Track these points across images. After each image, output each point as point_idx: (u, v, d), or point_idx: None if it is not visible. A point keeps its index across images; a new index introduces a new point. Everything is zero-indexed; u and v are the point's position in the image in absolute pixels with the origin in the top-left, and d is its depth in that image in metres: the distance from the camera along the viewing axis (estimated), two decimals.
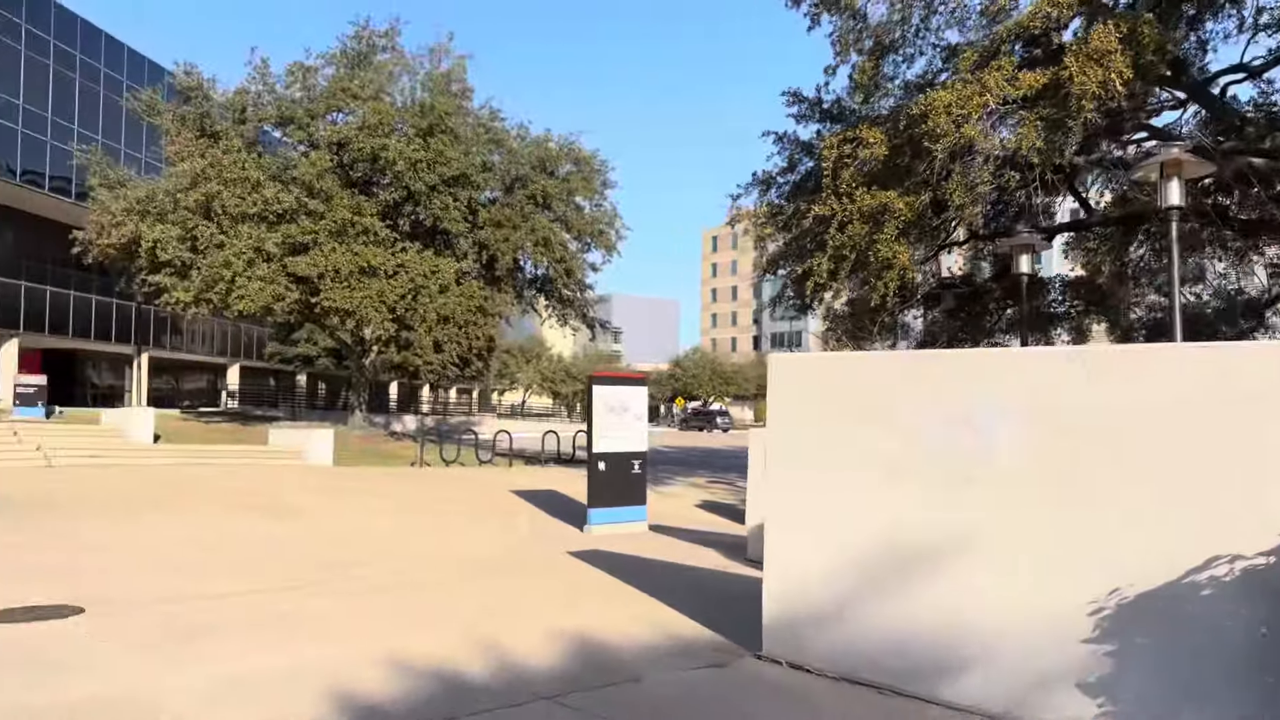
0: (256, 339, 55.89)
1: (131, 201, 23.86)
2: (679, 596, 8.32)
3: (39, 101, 34.10)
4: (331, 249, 24.18)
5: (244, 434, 27.27)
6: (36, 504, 13.79)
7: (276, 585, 8.63)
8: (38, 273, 37.40)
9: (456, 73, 27.14)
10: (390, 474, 21.87)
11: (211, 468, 21.22)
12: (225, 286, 23.02)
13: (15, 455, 20.39)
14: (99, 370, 47.73)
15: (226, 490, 16.62)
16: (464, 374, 59.08)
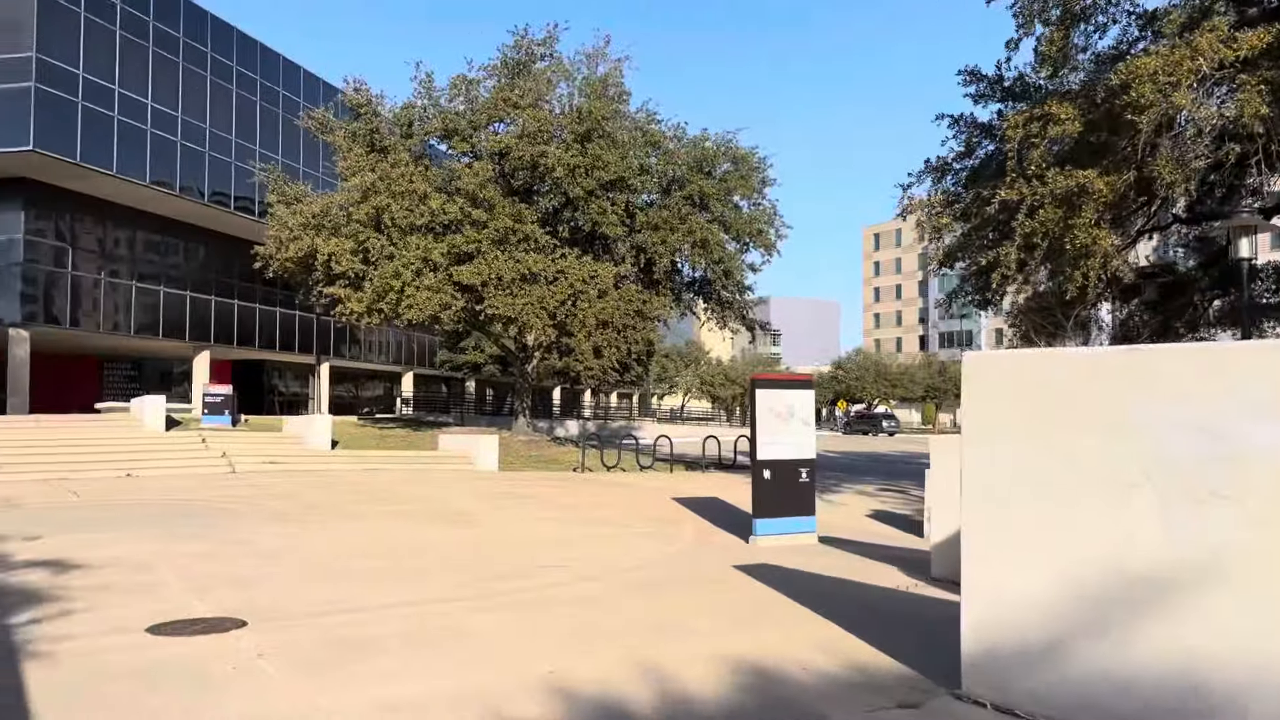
0: (428, 347, 58.03)
1: (307, 216, 24.95)
2: (858, 619, 7.57)
3: (223, 125, 36.40)
4: (494, 257, 24.48)
5: (415, 440, 28.08)
6: (217, 510, 14.34)
7: (437, 596, 8.42)
8: (226, 288, 39.99)
9: (613, 76, 27.05)
10: (552, 480, 21.87)
11: (383, 474, 21.80)
12: (395, 296, 23.71)
13: (202, 461, 21.62)
14: (285, 379, 50.72)
15: (395, 496, 16.94)
16: (624, 379, 59.42)
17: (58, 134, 28.80)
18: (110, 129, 31.08)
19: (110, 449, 21.81)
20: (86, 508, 14.61)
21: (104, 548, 10.49)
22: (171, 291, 37.00)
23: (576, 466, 25.25)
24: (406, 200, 24.32)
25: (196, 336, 38.41)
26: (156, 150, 33.09)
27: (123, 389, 40.80)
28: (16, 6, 28.17)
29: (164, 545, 10.79)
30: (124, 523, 12.69)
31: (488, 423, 45.45)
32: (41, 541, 10.75)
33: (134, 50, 32.08)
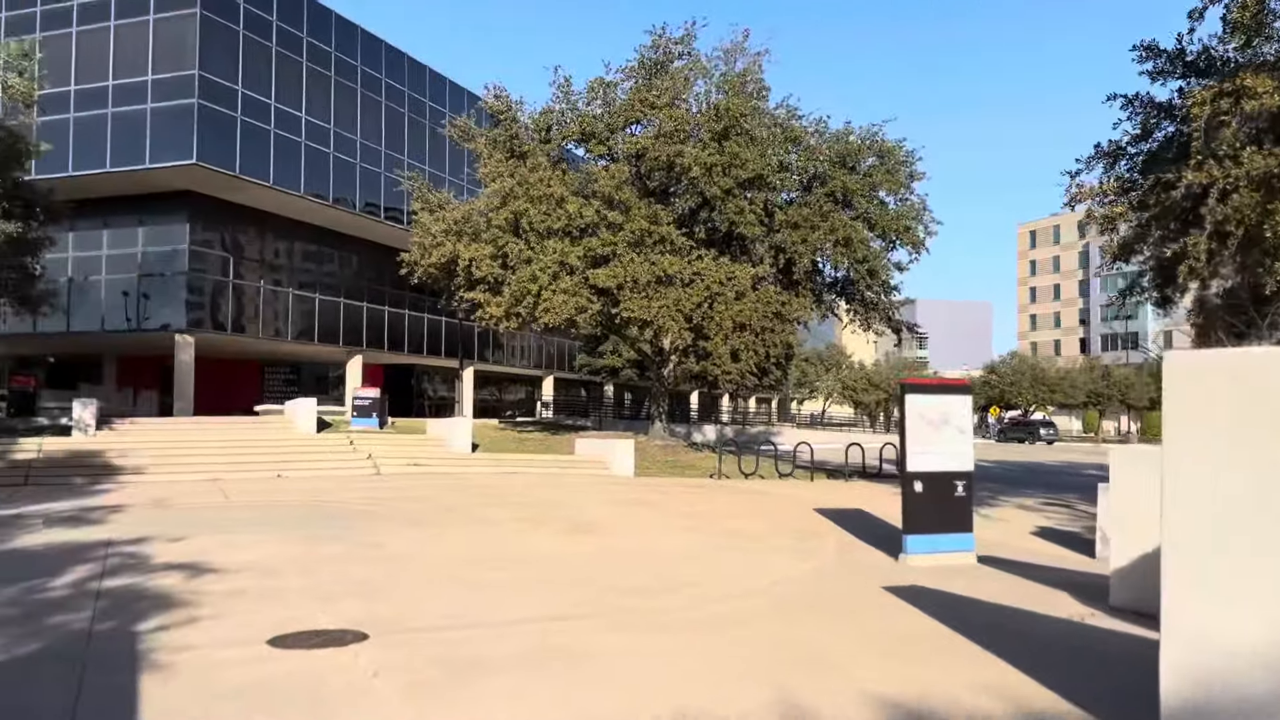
0: (568, 352, 58.58)
1: (449, 223, 25.29)
2: (1029, 655, 6.67)
3: (373, 136, 37.58)
4: (630, 259, 24.16)
5: (553, 443, 28.09)
6: (357, 513, 14.43)
7: (561, 613, 7.97)
8: (377, 295, 41.30)
9: (751, 71, 26.31)
10: (689, 487, 21.31)
11: (519, 478, 21.75)
12: (532, 300, 23.70)
13: (350, 463, 22.11)
14: (433, 383, 52.11)
15: (528, 501, 16.73)
16: (762, 383, 58.38)
17: (218, 148, 30.28)
18: (267, 142, 32.50)
19: (263, 450, 22.61)
20: (233, 509, 14.99)
21: (242, 551, 10.56)
22: (326, 299, 38.48)
23: (713, 473, 24.61)
24: (544, 204, 24.30)
25: (350, 341, 39.83)
26: (311, 162, 34.43)
27: (282, 392, 42.72)
28: (181, 28, 29.80)
29: (300, 549, 10.80)
30: (266, 525, 12.87)
31: (625, 427, 45.35)
32: (184, 543, 10.93)
33: (289, 66, 33.48)
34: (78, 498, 15.78)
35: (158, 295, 32.59)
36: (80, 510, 13.96)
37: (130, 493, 16.69)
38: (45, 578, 8.72)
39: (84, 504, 14.77)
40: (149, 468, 19.85)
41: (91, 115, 30.86)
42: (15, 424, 23.93)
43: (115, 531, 11.72)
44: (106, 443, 21.86)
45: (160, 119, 30.08)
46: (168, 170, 30.12)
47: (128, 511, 13.95)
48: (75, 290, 33.77)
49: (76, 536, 11.30)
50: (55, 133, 30.92)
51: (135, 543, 10.81)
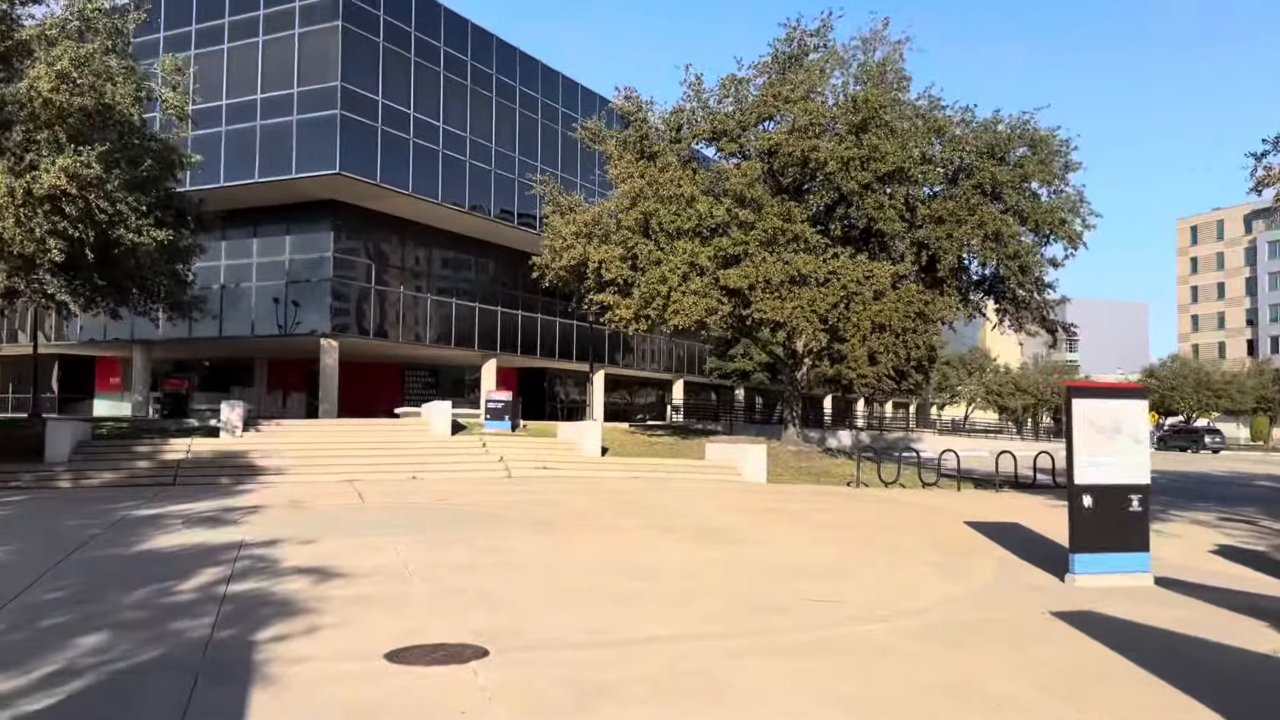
0: (698, 355, 58.10)
1: (579, 225, 25.13)
2: (1226, 697, 5.71)
3: (507, 142, 38.02)
4: (762, 259, 23.41)
5: (682, 448, 27.57)
6: (486, 516, 14.24)
7: (691, 631, 7.40)
8: (511, 299, 41.81)
9: (891, 60, 25.16)
10: (824, 494, 20.40)
11: (649, 482, 21.32)
12: (661, 301, 23.24)
13: (482, 465, 22.15)
14: (564, 386, 52.56)
15: (657, 507, 16.24)
16: (900, 387, 56.31)
17: (360, 157, 31.14)
18: (406, 151, 33.26)
19: (399, 452, 22.94)
20: (366, 511, 15.06)
21: (370, 554, 10.43)
22: (462, 303, 39.17)
23: (850, 481, 23.57)
24: (673, 205, 23.82)
25: (484, 345, 40.44)
26: (448, 170, 35.08)
27: (421, 395, 43.72)
28: (324, 41, 30.80)
29: (428, 554, 10.60)
30: (396, 528, 12.80)
31: (756, 431, 44.53)
32: (314, 546, 10.90)
33: (427, 75, 34.20)
34: (220, 498, 16.21)
35: (304, 301, 33.79)
36: (220, 510, 14.27)
37: (270, 493, 17.07)
38: (175, 580, 8.73)
39: (224, 504, 15.12)
40: (290, 468, 20.38)
41: (241, 128, 32.25)
42: (168, 425, 25.10)
43: (249, 533, 11.83)
44: (251, 444, 22.60)
45: (305, 130, 31.15)
46: (312, 180, 31.17)
47: (264, 512, 14.18)
48: (227, 297, 35.38)
49: (212, 538, 11.45)
50: (208, 145, 32.42)
51: (267, 545, 10.84)
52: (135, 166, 21.32)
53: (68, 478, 18.77)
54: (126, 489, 18.04)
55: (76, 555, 10.04)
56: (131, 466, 19.72)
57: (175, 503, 15.33)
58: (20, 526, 12.69)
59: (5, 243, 16.48)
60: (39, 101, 16.44)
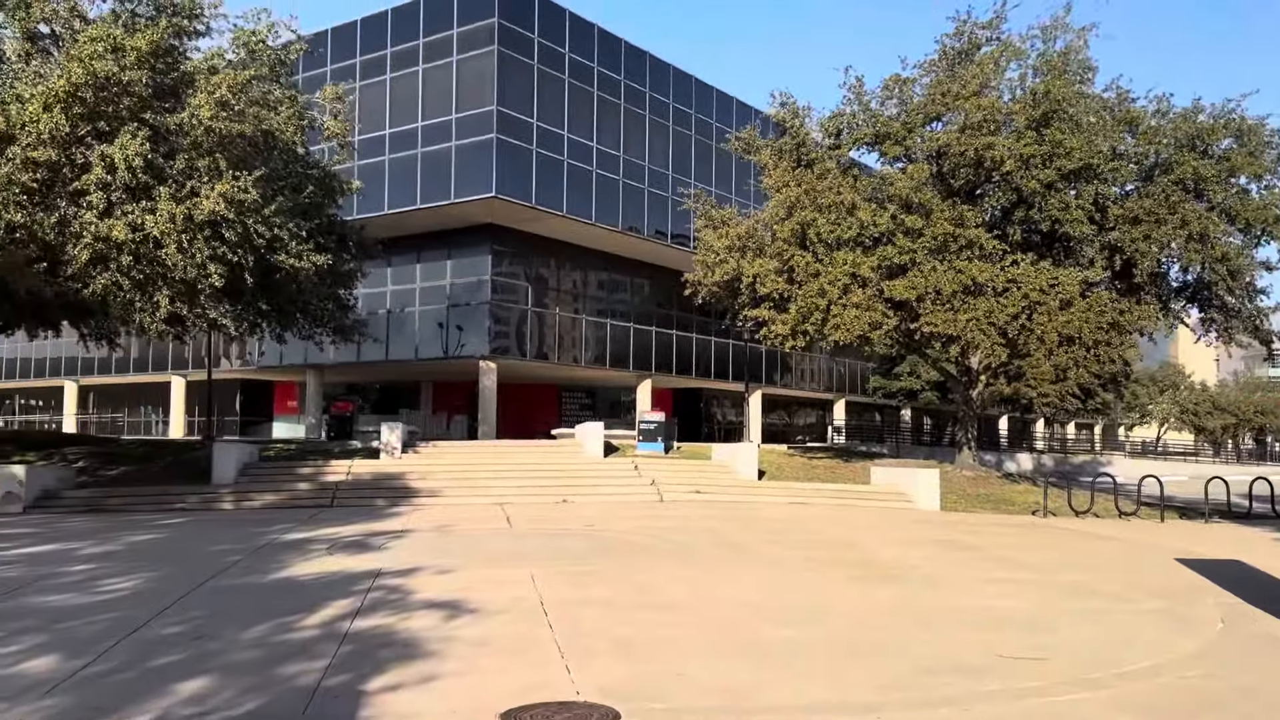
0: (860, 374, 55.88)
1: (732, 239, 24.08)
2: None
3: (660, 160, 37.49)
4: (931, 268, 21.71)
5: (845, 471, 25.96)
6: (632, 546, 13.35)
7: (867, 699, 6.19)
8: (665, 319, 41.17)
9: (1075, 49, 22.98)
10: (1007, 526, 18.47)
11: (808, 509, 19.96)
12: (820, 316, 21.82)
13: (633, 489, 21.35)
14: (721, 407, 51.46)
15: (818, 537, 14.93)
16: (1085, 407, 52.18)
17: (515, 180, 31.25)
18: (560, 172, 33.21)
19: (551, 475, 22.47)
20: (512, 536, 14.46)
21: (506, 588, 9.70)
22: (617, 324, 38.83)
23: (1035, 509, 21.45)
24: (833, 213, 22.45)
25: (639, 366, 39.93)
26: (601, 190, 34.86)
27: (578, 416, 43.65)
28: (480, 66, 31.12)
29: (566, 588, 9.78)
30: (538, 557, 12.08)
31: (925, 454, 42.06)
32: (450, 576, 10.27)
33: (580, 96, 34.11)
34: (371, 521, 16.03)
35: (463, 324, 34.19)
36: (367, 535, 13.99)
37: (419, 516, 16.80)
38: (301, 614, 8.20)
39: (373, 528, 14.87)
40: (443, 491, 20.19)
41: (403, 156, 33.01)
42: (332, 447, 25.60)
43: (390, 560, 11.36)
44: (408, 465, 22.66)
45: (462, 155, 31.55)
46: (470, 204, 31.47)
47: (410, 537, 13.79)
48: (393, 321, 36.27)
49: (351, 565, 11.02)
50: (372, 174, 33.45)
51: (403, 574, 10.29)
52: (297, 193, 21.83)
53: (230, 499, 19.19)
54: (285, 511, 18.23)
55: (212, 583, 9.75)
56: (292, 489, 20.02)
57: (327, 526, 15.21)
58: (168, 551, 12.70)
59: (168, 269, 16.96)
60: (200, 130, 16.88)
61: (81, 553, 12.18)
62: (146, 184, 16.75)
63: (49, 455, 23.54)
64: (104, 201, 16.36)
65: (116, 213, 16.49)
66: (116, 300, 17.25)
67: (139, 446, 25.84)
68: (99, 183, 16.13)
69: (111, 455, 24.14)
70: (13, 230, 15.94)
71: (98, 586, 9.52)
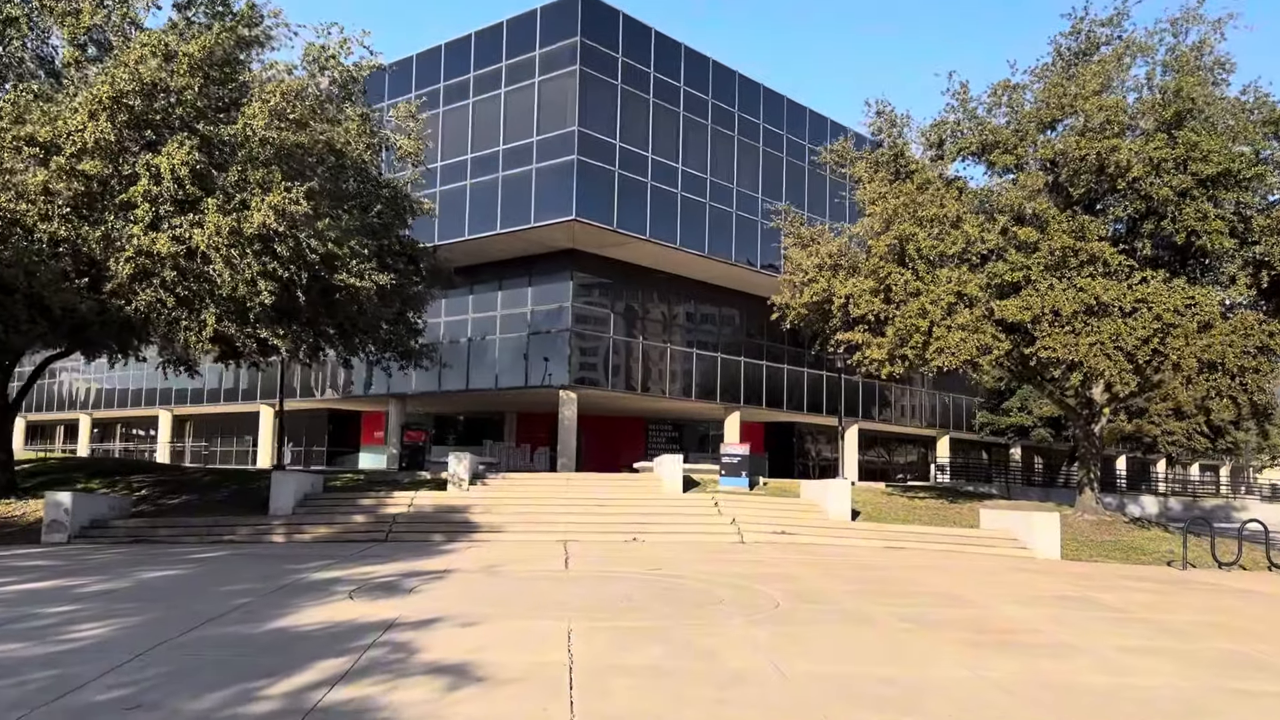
0: (966, 409, 52.77)
1: (823, 257, 22.14)
2: None
3: (749, 183, 35.87)
4: (1048, 286, 19.40)
5: (950, 513, 23.55)
6: (700, 595, 11.54)
7: None
8: (754, 349, 39.28)
9: (1209, 43, 20.49)
10: (1142, 580, 15.97)
11: (907, 555, 17.78)
12: (921, 339, 19.66)
13: (711, 528, 19.51)
14: (816, 443, 49.03)
15: (918, 590, 12.86)
16: (1214, 446, 47.85)
17: (596, 203, 30.02)
18: (644, 195, 31.87)
19: (624, 511, 20.82)
20: (564, 580, 12.83)
21: (532, 647, 8.10)
22: (703, 353, 37.13)
23: (1170, 560, 18.83)
24: (934, 227, 20.37)
25: (727, 398, 38.07)
26: (687, 214, 33.37)
27: (664, 449, 41.76)
28: (562, 87, 30.09)
29: (607, 650, 8.10)
30: (586, 605, 10.43)
31: (1038, 496, 38.84)
32: (472, 630, 8.71)
33: (665, 116, 32.79)
34: (417, 558, 14.65)
35: (543, 352, 32.99)
36: (404, 574, 12.57)
37: (473, 554, 15.34)
38: (273, 678, 6.73)
39: (415, 566, 13.47)
40: (506, 526, 18.76)
41: (484, 180, 32.18)
42: (401, 478, 24.51)
43: (412, 608, 9.88)
44: (475, 499, 21.35)
45: (543, 178, 30.53)
46: (550, 228, 30.35)
47: (449, 579, 12.30)
48: (474, 350, 35.37)
49: (366, 613, 9.57)
50: (454, 199, 32.74)
51: (419, 626, 8.79)
52: (365, 212, 20.97)
53: (282, 532, 18.12)
54: (335, 545, 17.04)
55: (195, 633, 8.39)
56: (348, 521, 18.87)
57: (368, 563, 13.87)
58: (176, 591, 11.42)
59: (215, 285, 16.05)
60: (255, 140, 16.01)
61: (78, 590, 11.05)
62: (195, 196, 15.93)
63: (113, 483, 23.07)
64: (150, 214, 15.57)
65: (163, 226, 15.68)
66: (160, 317, 16.42)
67: (207, 475, 25.25)
68: (145, 194, 15.34)
69: (179, 484, 23.55)
70: (56, 244, 15.27)
71: (63, 634, 8.26)
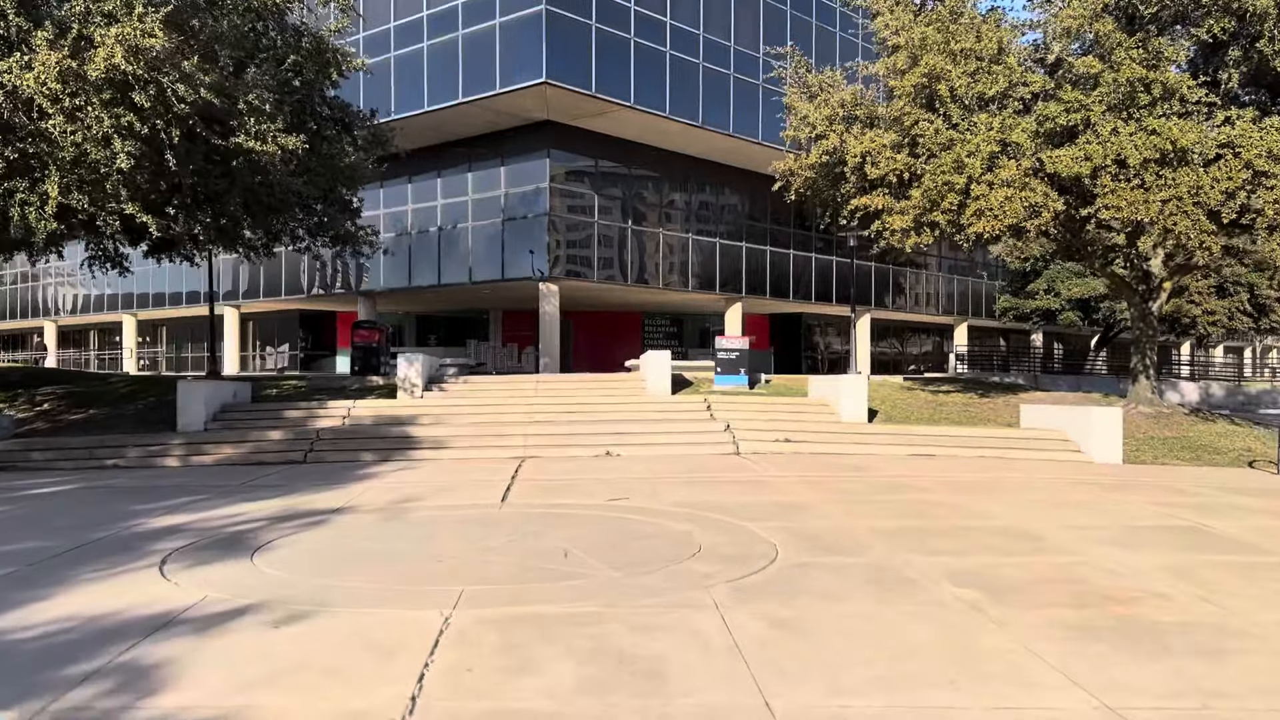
0: (985, 294, 49.14)
1: (834, 107, 18.28)
2: None
3: (749, 40, 31.52)
4: (1110, 130, 15.63)
5: (982, 410, 20.26)
6: (667, 542, 8.20)
7: None
8: (757, 233, 35.53)
9: None
10: (1240, 491, 12.72)
11: (942, 466, 14.50)
12: (956, 200, 15.99)
13: (701, 436, 16.17)
14: (824, 335, 45.65)
15: (974, 527, 9.46)
16: (1257, 326, 44.36)
17: (570, 63, 25.94)
18: (626, 54, 27.70)
19: (601, 417, 17.58)
20: (490, 523, 9.52)
21: (357, 678, 4.84)
22: (700, 239, 33.42)
23: (1253, 460, 15.70)
24: (971, 62, 16.50)
25: (728, 288, 34.51)
26: (677, 76, 29.17)
27: (663, 346, 38.57)
28: None
29: (486, 678, 4.86)
30: (496, 575, 7.19)
31: (1069, 385, 35.47)
32: (287, 632, 5.45)
33: None
34: (317, 489, 11.44)
35: (521, 240, 29.39)
36: (273, 519, 9.34)
37: (392, 482, 12.12)
38: None
39: (300, 504, 10.24)
40: (453, 441, 15.53)
41: (442, 42, 28.02)
42: (350, 384, 21.29)
43: (235, 583, 6.64)
44: (427, 407, 18.15)
45: (509, 35, 26.38)
46: (520, 95, 26.29)
47: (329, 526, 9.06)
48: (445, 240, 31.78)
49: (153, 595, 6.32)
50: (410, 65, 28.70)
51: (211, 624, 5.55)
52: (279, 65, 17.18)
53: (180, 453, 14.93)
54: (238, 469, 13.87)
55: None
56: (262, 439, 15.61)
57: (243, 500, 10.65)
58: None
59: (56, 145, 12.45)
60: None
61: None
62: (21, 29, 12.20)
63: (14, 396, 19.91)
64: None
65: None
66: None
67: (128, 385, 22.04)
68: None
69: (91, 396, 20.37)
70: None
71: None
